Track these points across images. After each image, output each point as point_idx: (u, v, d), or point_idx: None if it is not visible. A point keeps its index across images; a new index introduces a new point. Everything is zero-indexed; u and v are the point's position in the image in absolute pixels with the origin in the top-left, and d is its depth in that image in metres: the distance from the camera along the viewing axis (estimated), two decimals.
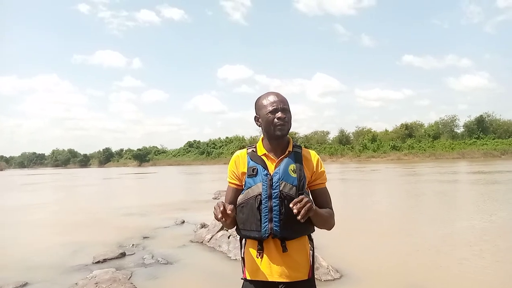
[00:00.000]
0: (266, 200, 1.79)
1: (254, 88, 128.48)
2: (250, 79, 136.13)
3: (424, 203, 11.30)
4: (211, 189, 16.42)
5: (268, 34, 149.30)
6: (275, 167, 1.84)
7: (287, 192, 1.78)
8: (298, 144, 1.96)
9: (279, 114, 1.82)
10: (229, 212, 1.69)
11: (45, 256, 6.38)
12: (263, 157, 1.88)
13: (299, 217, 1.60)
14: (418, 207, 10.57)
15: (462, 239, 6.69)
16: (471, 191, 14.11)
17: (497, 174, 20.74)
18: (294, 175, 1.81)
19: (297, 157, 1.88)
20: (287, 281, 1.80)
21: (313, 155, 1.94)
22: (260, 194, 1.81)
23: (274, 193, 1.79)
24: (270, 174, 1.82)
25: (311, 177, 1.89)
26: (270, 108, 1.84)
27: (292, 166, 1.83)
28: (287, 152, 1.87)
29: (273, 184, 1.80)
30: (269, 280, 1.80)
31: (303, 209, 1.60)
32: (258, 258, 1.83)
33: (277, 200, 1.78)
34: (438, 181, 17.81)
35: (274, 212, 1.78)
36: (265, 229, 1.78)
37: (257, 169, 1.85)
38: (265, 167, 1.84)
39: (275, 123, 1.82)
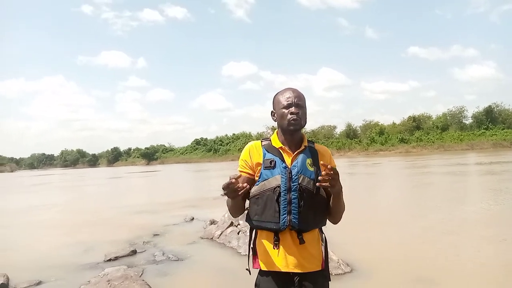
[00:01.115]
0: (285, 193, 1.82)
1: (259, 84, 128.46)
2: (255, 76, 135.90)
3: (431, 196, 11.22)
4: (219, 186, 16.40)
5: (272, 30, 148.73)
6: (292, 161, 1.87)
7: (305, 185, 1.82)
8: (310, 139, 2.01)
9: (292, 109, 1.87)
10: (240, 184, 1.69)
11: (57, 255, 6.45)
12: (280, 150, 1.91)
13: (320, 183, 1.67)
14: (425, 200, 10.50)
15: (472, 231, 6.65)
16: (478, 181, 13.98)
17: (505, 164, 20.54)
18: (312, 169, 1.86)
19: (312, 152, 1.93)
20: (303, 271, 1.84)
21: (326, 150, 2.00)
22: (278, 186, 1.82)
23: (293, 186, 1.82)
24: (288, 167, 1.84)
25: None
26: (285, 103, 1.89)
27: (309, 160, 1.88)
28: (303, 146, 1.91)
29: (292, 177, 1.82)
30: (285, 271, 1.84)
31: (328, 176, 1.64)
32: (274, 249, 1.85)
33: (296, 193, 1.81)
34: (445, 174, 17.67)
35: (293, 205, 1.81)
36: (283, 221, 1.80)
37: (275, 161, 1.87)
38: (283, 160, 1.87)
39: (289, 118, 1.87)
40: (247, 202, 1.96)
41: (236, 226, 6.73)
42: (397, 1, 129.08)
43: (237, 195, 1.73)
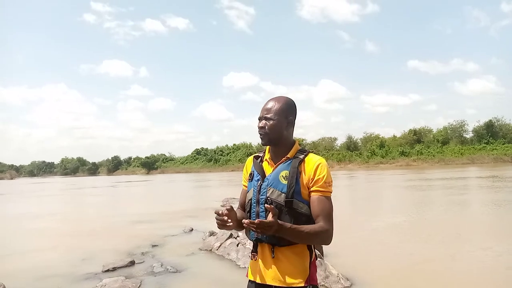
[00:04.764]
0: (254, 206, 1.84)
1: (259, 95, 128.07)
2: (256, 86, 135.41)
3: (431, 211, 11.18)
4: (219, 196, 16.41)
5: (273, 42, 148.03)
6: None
7: (274, 199, 1.77)
8: (305, 149, 1.90)
9: (259, 123, 1.86)
10: (225, 218, 1.73)
11: (55, 264, 6.41)
12: (265, 162, 1.91)
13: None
14: (426, 214, 10.46)
15: (474, 245, 6.61)
16: (478, 196, 13.95)
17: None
18: (285, 182, 1.78)
19: (296, 163, 1.80)
20: (280, 286, 1.79)
21: (315, 161, 1.81)
22: (251, 199, 1.87)
23: (261, 199, 1.81)
24: (261, 180, 1.85)
25: (309, 184, 1.79)
26: (259, 116, 1.90)
27: (284, 173, 1.80)
28: (285, 158, 1.84)
29: (261, 190, 1.82)
30: (261, 282, 1.83)
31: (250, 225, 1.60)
32: (253, 260, 1.89)
33: (263, 206, 1.79)
34: (445, 188, 17.63)
35: (260, 218, 1.79)
36: (252, 233, 1.83)
37: (253, 174, 1.90)
38: (261, 172, 1.87)
39: (258, 131, 1.86)
40: None
41: (236, 238, 6.70)
42: (397, 15, 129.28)
43: (227, 228, 1.77)
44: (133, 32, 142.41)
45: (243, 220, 1.59)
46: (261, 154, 1.97)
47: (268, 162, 1.89)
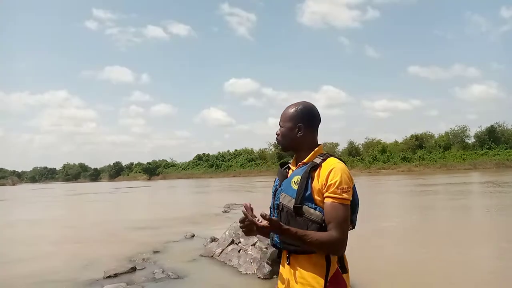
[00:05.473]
0: (272, 211, 1.88)
1: (261, 101, 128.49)
2: (257, 92, 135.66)
3: (431, 215, 11.15)
4: (221, 202, 16.38)
5: (274, 48, 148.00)
6: None
7: (285, 204, 1.77)
8: (327, 154, 1.81)
9: (277, 130, 1.90)
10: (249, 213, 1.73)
11: (56, 271, 6.40)
12: (291, 168, 1.91)
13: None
14: (426, 218, 10.43)
15: (477, 249, 6.58)
16: (479, 201, 13.90)
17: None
18: (295, 187, 1.74)
19: (309, 168, 1.74)
20: None
21: (330, 165, 1.72)
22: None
23: (276, 204, 1.85)
24: (279, 185, 1.88)
25: (322, 189, 1.70)
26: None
27: (296, 178, 1.76)
28: (301, 163, 1.82)
29: (276, 195, 1.86)
30: None
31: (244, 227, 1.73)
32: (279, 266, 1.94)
33: (276, 211, 1.83)
34: (448, 193, 17.58)
35: None
36: (270, 238, 1.87)
37: (276, 179, 1.95)
38: (280, 178, 1.90)
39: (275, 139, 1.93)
40: None
41: (237, 244, 6.67)
42: (397, 21, 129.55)
43: (254, 233, 1.80)
44: (135, 38, 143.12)
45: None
46: (290, 161, 1.99)
47: (292, 168, 1.91)
